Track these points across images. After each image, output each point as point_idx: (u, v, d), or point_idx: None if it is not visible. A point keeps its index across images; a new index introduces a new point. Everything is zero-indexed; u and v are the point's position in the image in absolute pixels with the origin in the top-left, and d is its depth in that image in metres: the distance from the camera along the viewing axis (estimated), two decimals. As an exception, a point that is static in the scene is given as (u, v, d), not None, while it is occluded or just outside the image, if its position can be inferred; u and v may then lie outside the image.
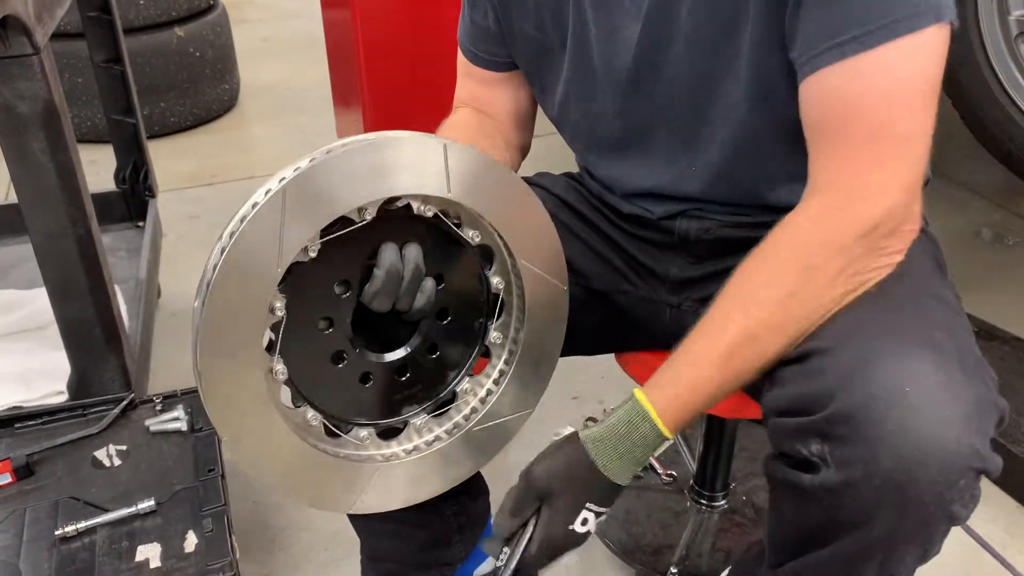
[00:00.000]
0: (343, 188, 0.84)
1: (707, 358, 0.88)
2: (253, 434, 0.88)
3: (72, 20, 2.37)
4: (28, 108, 1.24)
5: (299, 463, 0.92)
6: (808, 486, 0.83)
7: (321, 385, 0.93)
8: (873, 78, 0.85)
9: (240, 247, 0.81)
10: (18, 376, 1.61)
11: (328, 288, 0.90)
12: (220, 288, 0.82)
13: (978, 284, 2.21)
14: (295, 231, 0.82)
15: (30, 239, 1.35)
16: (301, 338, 0.90)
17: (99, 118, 2.93)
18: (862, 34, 0.84)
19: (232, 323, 0.83)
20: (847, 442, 0.79)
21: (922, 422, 0.76)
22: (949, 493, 0.77)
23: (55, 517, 1.21)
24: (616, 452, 0.91)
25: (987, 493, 1.61)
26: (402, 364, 0.97)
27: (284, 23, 4.58)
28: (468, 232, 0.94)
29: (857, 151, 0.86)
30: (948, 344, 0.82)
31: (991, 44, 2.06)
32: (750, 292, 0.88)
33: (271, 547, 1.57)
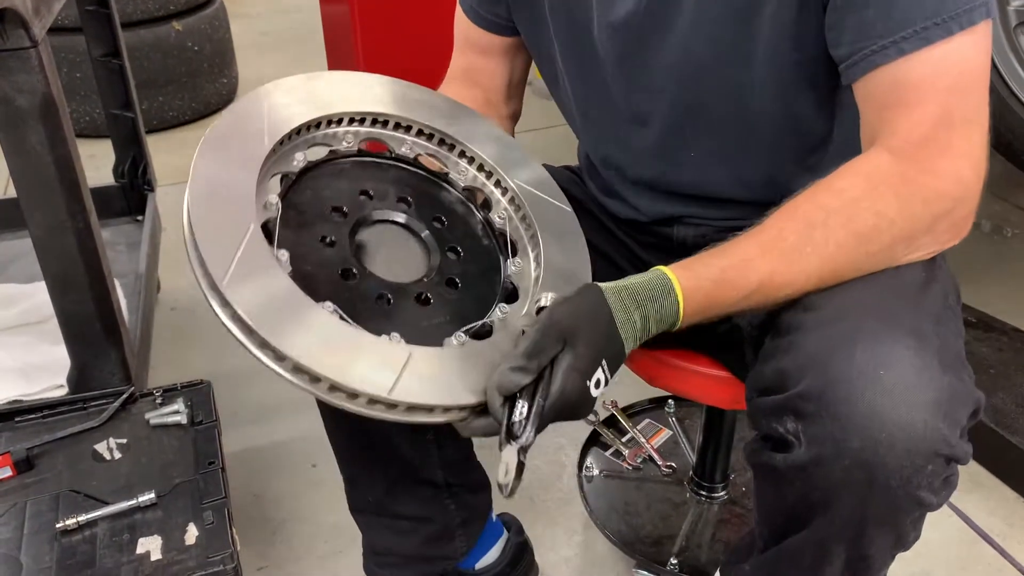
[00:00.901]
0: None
1: (749, 264, 0.86)
2: (279, 313, 0.80)
3: (70, 14, 2.37)
4: (26, 101, 1.24)
5: (331, 334, 0.82)
6: (781, 466, 0.84)
7: (338, 296, 0.87)
8: (934, 74, 0.86)
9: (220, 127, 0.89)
10: (18, 370, 1.62)
11: (324, 211, 0.92)
12: (203, 157, 0.87)
13: (977, 275, 2.21)
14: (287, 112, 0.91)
15: (29, 233, 1.34)
16: (306, 244, 0.89)
17: (98, 112, 2.92)
18: (921, 30, 0.85)
19: (224, 207, 0.85)
20: (819, 420, 0.79)
21: (892, 405, 0.77)
22: (916, 477, 0.78)
23: (56, 510, 1.22)
24: (632, 312, 0.85)
25: (987, 485, 1.63)
26: (421, 293, 0.92)
27: (283, 17, 4.57)
28: (453, 176, 0.99)
29: (924, 137, 0.86)
30: (932, 335, 0.82)
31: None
32: (819, 219, 0.85)
33: (272, 539, 1.57)
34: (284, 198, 0.91)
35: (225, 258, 0.81)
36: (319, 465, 1.73)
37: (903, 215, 0.85)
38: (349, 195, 0.96)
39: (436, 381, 0.83)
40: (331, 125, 0.99)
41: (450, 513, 1.27)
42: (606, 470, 1.63)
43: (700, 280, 0.86)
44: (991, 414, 1.67)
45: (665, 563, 1.43)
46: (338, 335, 0.82)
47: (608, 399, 1.79)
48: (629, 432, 1.70)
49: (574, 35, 1.09)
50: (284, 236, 0.88)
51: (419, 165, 1.02)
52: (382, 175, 0.99)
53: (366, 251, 0.94)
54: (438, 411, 0.83)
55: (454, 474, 1.24)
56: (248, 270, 0.82)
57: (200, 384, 1.46)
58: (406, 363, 0.82)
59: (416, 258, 0.96)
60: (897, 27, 0.85)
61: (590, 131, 1.18)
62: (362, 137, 1.00)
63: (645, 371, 1.25)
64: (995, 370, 1.78)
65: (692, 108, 1.04)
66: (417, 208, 0.98)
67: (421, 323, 0.90)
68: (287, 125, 0.94)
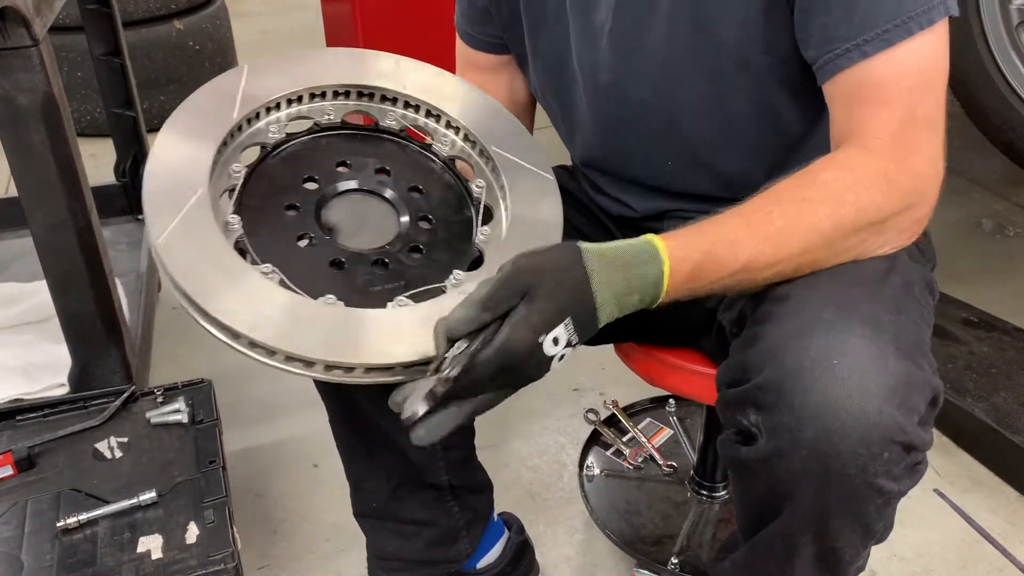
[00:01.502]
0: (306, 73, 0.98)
1: (738, 243, 0.85)
2: (230, 287, 0.83)
3: (71, 13, 2.37)
4: (27, 100, 1.24)
5: (257, 295, 0.84)
6: (746, 458, 0.85)
7: (287, 259, 0.89)
8: (897, 75, 0.87)
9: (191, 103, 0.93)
10: (19, 369, 1.62)
11: (296, 180, 0.95)
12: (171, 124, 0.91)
13: (979, 275, 2.21)
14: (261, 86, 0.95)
15: (31, 232, 1.35)
16: (269, 211, 0.92)
17: (99, 112, 2.93)
18: (883, 32, 0.86)
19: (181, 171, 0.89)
20: (776, 411, 0.80)
21: (846, 394, 0.77)
22: (873, 465, 0.78)
23: (57, 509, 1.22)
24: (612, 274, 0.81)
25: (988, 484, 1.63)
26: (380, 259, 0.93)
27: (284, 16, 4.56)
28: (437, 147, 1.00)
29: (894, 137, 0.88)
30: (888, 323, 0.82)
31: (992, 33, 2.06)
32: (806, 208, 0.86)
33: (272, 538, 1.57)
34: (256, 168, 0.94)
35: (167, 220, 0.84)
36: (320, 464, 1.73)
37: (882, 210, 0.86)
38: (325, 166, 0.97)
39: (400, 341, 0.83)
40: (314, 99, 1.00)
41: (454, 516, 1.26)
42: (607, 469, 1.63)
43: (688, 250, 0.84)
44: (993, 413, 1.67)
45: (666, 562, 1.43)
46: (265, 297, 0.83)
47: (609, 399, 1.79)
48: (630, 431, 1.70)
49: (555, 51, 1.11)
50: (249, 204, 0.91)
51: (402, 136, 1.03)
52: (364, 147, 1.00)
53: (336, 219, 0.95)
54: (358, 370, 0.83)
55: (458, 476, 1.24)
56: (187, 232, 0.84)
57: (201, 383, 1.46)
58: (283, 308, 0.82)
59: (386, 226, 0.96)
60: (858, 30, 0.87)
61: (574, 139, 1.19)
62: (346, 110, 1.02)
63: (646, 371, 1.25)
64: (997, 369, 1.78)
65: (669, 116, 1.05)
66: (395, 178, 0.99)
67: (372, 288, 0.90)
68: (263, 97, 0.97)
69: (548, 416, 1.86)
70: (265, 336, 0.81)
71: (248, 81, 0.97)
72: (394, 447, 1.18)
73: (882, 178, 0.86)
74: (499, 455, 1.75)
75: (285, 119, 0.99)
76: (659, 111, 1.05)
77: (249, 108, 0.96)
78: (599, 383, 1.93)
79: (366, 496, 1.25)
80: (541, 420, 1.85)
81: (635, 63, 1.03)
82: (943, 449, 1.73)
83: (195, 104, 0.95)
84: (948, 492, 1.63)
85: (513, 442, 1.80)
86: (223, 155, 0.94)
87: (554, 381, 1.96)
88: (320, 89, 1.00)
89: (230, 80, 0.97)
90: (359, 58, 1.05)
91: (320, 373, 0.83)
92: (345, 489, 1.28)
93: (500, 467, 1.71)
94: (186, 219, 0.85)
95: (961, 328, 1.92)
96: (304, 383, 1.18)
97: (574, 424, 1.82)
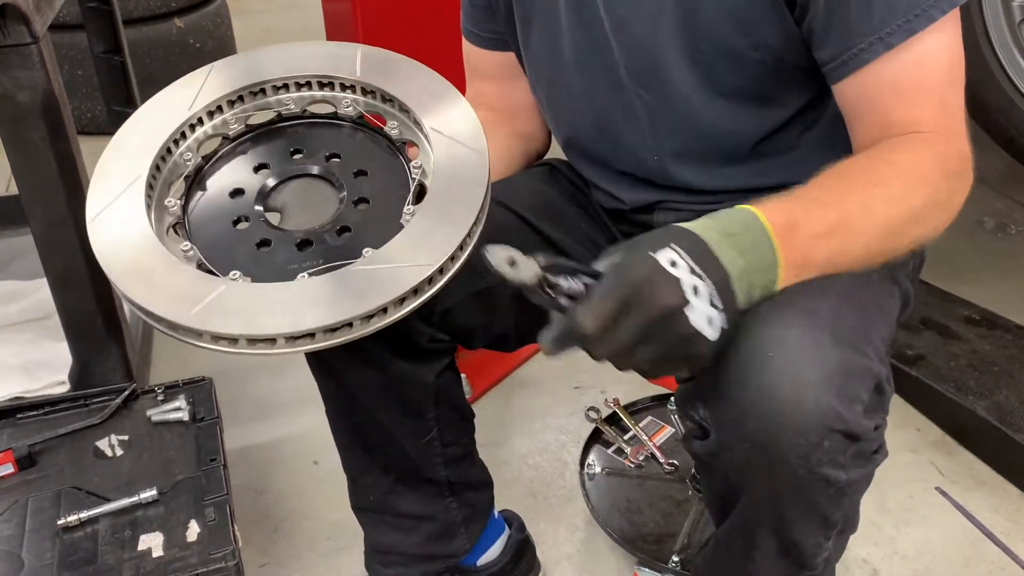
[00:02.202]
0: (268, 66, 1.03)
1: (853, 224, 0.83)
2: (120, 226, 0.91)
3: (72, 11, 2.36)
4: (27, 97, 1.24)
5: (148, 258, 0.89)
6: (699, 452, 0.87)
7: (217, 241, 0.94)
8: (928, 64, 0.88)
9: None
10: (20, 367, 1.62)
11: (247, 169, 1.00)
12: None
13: (980, 273, 2.20)
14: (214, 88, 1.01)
15: (31, 230, 1.35)
16: (215, 197, 0.97)
17: (99, 110, 2.92)
18: (904, 23, 0.86)
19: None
20: (719, 406, 0.82)
21: (782, 385, 0.77)
22: (814, 454, 0.78)
23: (57, 507, 1.22)
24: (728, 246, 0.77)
25: (990, 482, 1.63)
26: (306, 240, 0.94)
27: (284, 14, 4.56)
28: (389, 127, 1.03)
29: (936, 127, 0.89)
30: (826, 312, 0.82)
31: (994, 30, 2.06)
32: (891, 171, 0.87)
33: (273, 536, 1.57)
34: (213, 156, 1.00)
35: (102, 202, 0.92)
36: (320, 462, 1.73)
37: (950, 193, 0.88)
38: (279, 153, 1.01)
39: (239, 316, 0.85)
40: (278, 91, 1.05)
41: (452, 511, 1.26)
42: (608, 467, 1.63)
43: (784, 212, 0.81)
44: (994, 411, 1.66)
45: (667, 561, 1.43)
46: (169, 275, 0.88)
47: (610, 397, 1.79)
48: (631, 430, 1.70)
49: (546, 39, 1.11)
50: (200, 188, 0.97)
51: (359, 122, 1.05)
52: (319, 134, 1.04)
53: (281, 203, 0.99)
54: (242, 342, 0.85)
55: (456, 472, 1.24)
56: (118, 215, 0.91)
57: (202, 381, 1.46)
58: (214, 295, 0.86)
59: (326, 209, 0.98)
60: (881, 23, 0.87)
61: (563, 128, 1.20)
62: (308, 101, 1.05)
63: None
64: (999, 367, 1.78)
65: (658, 102, 1.05)
66: (344, 162, 1.01)
67: (289, 266, 0.91)
68: (222, 90, 1.02)
69: (549, 414, 1.85)
70: (157, 308, 0.85)
71: (214, 75, 1.04)
72: (392, 441, 1.18)
73: (942, 160, 0.87)
74: (500, 453, 1.75)
75: (252, 109, 1.04)
76: (649, 96, 1.05)
77: (205, 101, 1.01)
78: (600, 381, 1.92)
79: (364, 490, 1.25)
80: (542, 418, 1.85)
81: (628, 44, 1.03)
82: (945, 447, 1.73)
83: (163, 95, 1.03)
84: (950, 490, 1.62)
85: (514, 440, 1.80)
86: (181, 145, 1.00)
87: (555, 379, 1.97)
88: (282, 81, 1.05)
89: (196, 76, 1.04)
90: (319, 47, 1.10)
91: (209, 344, 0.86)
92: (345, 486, 1.28)
93: (501, 465, 1.71)
94: (118, 204, 0.92)
95: (963, 326, 1.91)
96: (304, 379, 1.19)
97: (575, 422, 1.82)
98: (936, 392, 1.75)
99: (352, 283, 0.86)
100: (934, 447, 1.73)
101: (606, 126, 1.11)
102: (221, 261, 0.91)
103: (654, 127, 1.07)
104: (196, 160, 0.99)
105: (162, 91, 1.03)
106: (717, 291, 0.75)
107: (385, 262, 0.87)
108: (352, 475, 1.25)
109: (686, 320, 0.73)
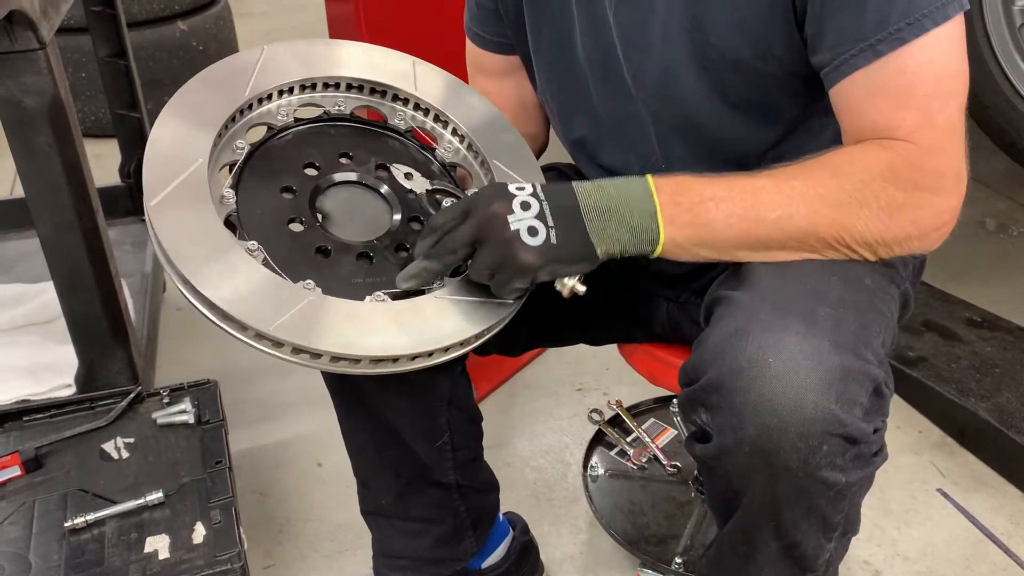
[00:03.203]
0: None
1: (734, 184, 0.89)
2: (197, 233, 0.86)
3: (76, 15, 2.37)
4: (34, 103, 1.24)
5: (243, 273, 0.85)
6: (702, 456, 0.88)
7: (275, 240, 0.91)
8: (913, 73, 0.87)
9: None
10: (26, 370, 1.62)
11: (297, 164, 0.97)
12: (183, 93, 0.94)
13: (982, 274, 2.21)
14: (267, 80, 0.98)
15: (37, 233, 1.35)
16: (266, 190, 0.94)
17: (103, 112, 2.93)
18: (895, 31, 0.86)
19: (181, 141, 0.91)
20: (720, 411, 0.83)
21: (782, 390, 0.78)
22: (814, 459, 0.80)
23: (64, 509, 1.22)
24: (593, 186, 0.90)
25: (992, 484, 1.64)
26: (365, 253, 0.94)
27: (287, 16, 4.57)
28: (441, 151, 1.03)
29: (908, 138, 0.87)
30: (826, 317, 0.83)
31: (995, 34, 2.06)
32: (818, 171, 0.89)
33: (278, 537, 1.58)
34: (260, 147, 0.96)
35: (162, 185, 0.86)
36: (324, 463, 1.73)
37: (890, 198, 0.87)
38: (328, 154, 0.99)
39: (321, 331, 0.84)
40: (328, 88, 1.03)
41: (460, 515, 1.27)
42: (611, 469, 1.63)
43: (674, 181, 0.90)
44: (996, 413, 1.67)
45: (670, 562, 1.43)
46: (244, 273, 0.84)
47: (613, 399, 1.80)
48: (634, 432, 1.70)
49: (558, 44, 1.11)
50: (248, 181, 0.93)
51: (407, 136, 1.04)
52: (368, 141, 1.02)
53: (330, 207, 0.97)
54: (325, 357, 0.84)
55: (465, 476, 1.25)
56: (179, 199, 0.86)
57: (207, 383, 1.47)
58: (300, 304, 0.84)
59: (377, 221, 0.97)
60: (872, 30, 0.87)
61: (573, 133, 1.20)
62: (357, 103, 1.04)
63: (647, 369, 1.26)
64: (1000, 369, 1.78)
65: (668, 108, 1.05)
66: (394, 176, 1.00)
67: (353, 280, 0.91)
68: (277, 80, 0.99)
69: (552, 416, 1.86)
70: (240, 313, 0.81)
71: (264, 62, 0.99)
72: (403, 444, 1.18)
73: (888, 167, 0.86)
74: (503, 455, 1.75)
75: (296, 103, 1.01)
76: (657, 106, 1.05)
77: (261, 88, 0.98)
78: (603, 383, 1.93)
79: (375, 494, 1.26)
80: (545, 420, 1.85)
81: (635, 54, 1.03)
82: (947, 449, 1.73)
83: (209, 77, 0.97)
84: (952, 492, 1.63)
85: (517, 442, 1.80)
86: (230, 130, 0.96)
87: (558, 381, 1.98)
88: (334, 80, 1.02)
89: (250, 56, 1.00)
90: (378, 54, 1.07)
91: (288, 355, 0.83)
92: (349, 488, 1.29)
93: (504, 466, 1.72)
94: (181, 187, 0.87)
95: (965, 328, 1.92)
96: (308, 381, 1.19)
97: (578, 424, 1.83)
98: (937, 394, 1.75)
99: (452, 311, 0.90)
100: (935, 449, 1.74)
101: (615, 132, 1.12)
102: (283, 264, 0.88)
103: (661, 135, 1.07)
104: (247, 148, 0.95)
105: (213, 66, 0.98)
106: (551, 208, 0.87)
107: (466, 294, 0.91)
108: (363, 479, 1.26)
109: (505, 223, 0.86)
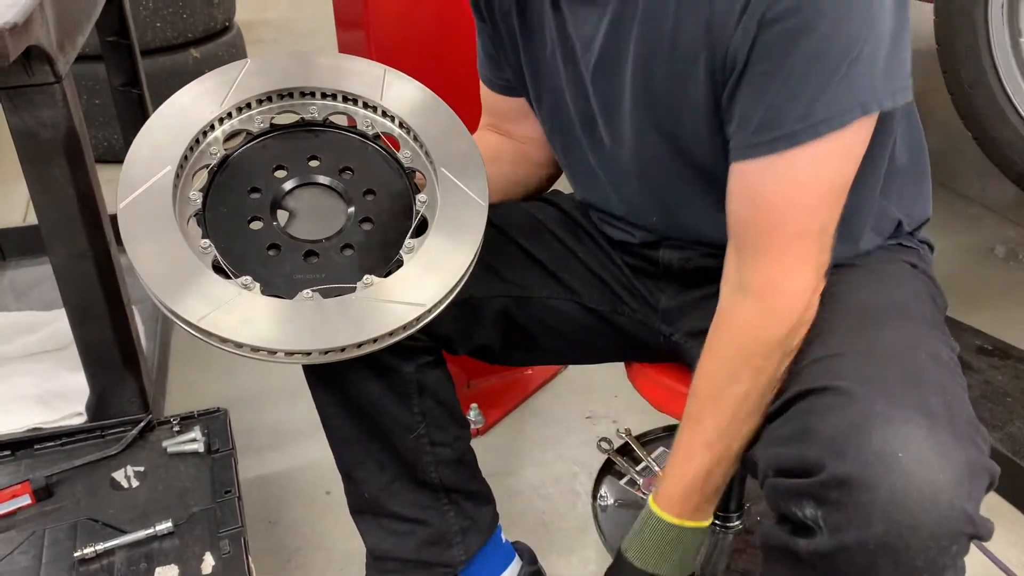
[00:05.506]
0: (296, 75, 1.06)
1: (699, 450, 0.99)
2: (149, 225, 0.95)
3: (90, 43, 2.39)
4: (50, 135, 1.26)
5: (171, 256, 0.95)
6: (803, 552, 0.84)
7: (233, 237, 0.98)
8: (796, 180, 0.90)
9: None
10: (37, 398, 1.63)
11: (267, 168, 1.03)
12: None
13: (991, 301, 2.20)
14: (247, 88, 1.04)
15: (50, 261, 1.36)
16: (233, 192, 1.00)
17: (116, 138, 2.96)
18: (789, 134, 0.87)
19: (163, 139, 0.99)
20: (841, 507, 0.80)
21: (915, 487, 0.77)
22: (941, 558, 0.78)
23: (74, 538, 1.23)
24: (641, 548, 1.08)
25: (1007, 516, 1.62)
26: (312, 250, 0.99)
27: (298, 42, 4.62)
28: (402, 154, 1.06)
29: (782, 253, 0.92)
30: (940, 407, 0.83)
31: (1003, 65, 2.07)
32: (715, 391, 0.98)
33: (287, 567, 1.57)
34: (235, 152, 1.03)
35: (130, 189, 0.95)
36: (333, 491, 1.73)
37: (773, 352, 0.94)
38: (296, 158, 1.04)
39: (251, 325, 0.91)
40: (304, 96, 1.08)
41: (448, 519, 1.27)
42: (620, 499, 1.63)
43: (680, 482, 1.02)
44: (1009, 443, 1.66)
45: (680, 593, 1.42)
46: (182, 264, 0.93)
47: (622, 427, 1.79)
48: (643, 461, 1.70)
49: (554, 97, 1.14)
50: (220, 182, 1.01)
51: (373, 140, 1.08)
52: (339, 145, 1.06)
53: (294, 206, 1.02)
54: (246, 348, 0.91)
55: (451, 478, 1.25)
56: (147, 200, 0.95)
57: (217, 412, 1.47)
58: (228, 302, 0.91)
59: (333, 221, 1.02)
60: (769, 127, 0.88)
61: (576, 179, 1.24)
62: (332, 110, 1.08)
63: (655, 398, 1.26)
64: (1012, 398, 1.77)
65: (649, 179, 1.08)
66: (356, 178, 1.04)
67: (295, 276, 0.97)
68: (253, 91, 1.04)
69: (561, 444, 1.86)
70: (177, 306, 0.92)
71: (245, 74, 1.06)
72: (382, 434, 1.19)
73: (768, 316, 0.93)
74: (512, 483, 1.75)
75: (278, 110, 1.07)
76: (637, 165, 1.08)
77: (239, 98, 1.03)
78: (612, 411, 1.93)
79: (358, 487, 1.25)
80: (554, 448, 1.85)
81: (611, 120, 1.06)
82: (959, 478, 1.72)
83: (196, 88, 1.04)
84: (964, 522, 1.61)
85: (526, 470, 1.80)
86: (208, 137, 1.02)
87: (567, 409, 1.97)
88: (310, 89, 1.07)
89: (231, 71, 1.06)
90: (349, 62, 1.12)
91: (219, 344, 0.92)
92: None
93: (513, 495, 1.71)
94: (148, 192, 0.95)
95: (975, 356, 1.91)
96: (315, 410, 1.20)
97: (587, 453, 1.82)
98: (949, 423, 1.74)
99: (352, 311, 0.94)
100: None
101: (613, 190, 1.15)
102: (234, 260, 0.95)
103: (645, 194, 1.11)
104: (221, 153, 1.02)
105: (195, 82, 1.05)
106: None
107: (383, 296, 0.95)
108: (346, 472, 1.25)
109: None
